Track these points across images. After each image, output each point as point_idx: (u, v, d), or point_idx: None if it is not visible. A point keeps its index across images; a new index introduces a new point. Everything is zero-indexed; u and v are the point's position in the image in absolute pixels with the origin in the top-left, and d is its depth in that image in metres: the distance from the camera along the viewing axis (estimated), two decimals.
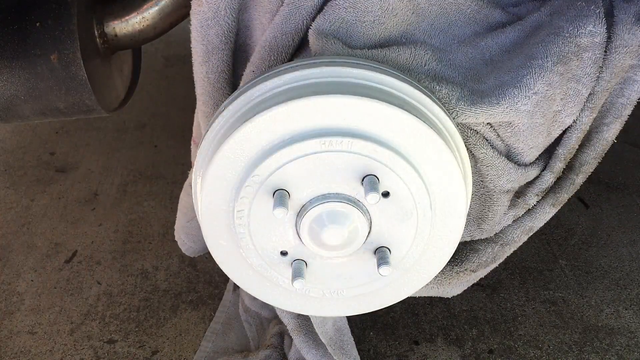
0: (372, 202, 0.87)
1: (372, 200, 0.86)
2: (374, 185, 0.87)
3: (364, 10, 1.02)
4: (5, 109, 1.33)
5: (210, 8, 1.08)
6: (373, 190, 0.86)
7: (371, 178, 0.88)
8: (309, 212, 0.91)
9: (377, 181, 0.88)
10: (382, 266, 0.93)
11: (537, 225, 1.19)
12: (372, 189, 0.87)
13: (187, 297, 1.69)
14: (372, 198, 0.86)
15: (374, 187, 0.87)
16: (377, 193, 0.86)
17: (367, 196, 0.86)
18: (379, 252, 0.95)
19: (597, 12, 1.00)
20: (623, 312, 1.64)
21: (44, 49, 1.26)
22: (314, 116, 0.86)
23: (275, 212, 0.88)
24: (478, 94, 1.00)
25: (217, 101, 1.16)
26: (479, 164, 1.07)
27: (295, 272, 0.96)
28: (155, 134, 2.45)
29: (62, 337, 1.58)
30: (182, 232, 1.44)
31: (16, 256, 1.84)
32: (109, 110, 1.42)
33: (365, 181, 0.88)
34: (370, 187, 0.87)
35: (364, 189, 0.88)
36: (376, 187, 0.87)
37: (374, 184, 0.87)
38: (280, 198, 0.89)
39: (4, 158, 2.31)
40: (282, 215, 0.88)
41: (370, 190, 0.86)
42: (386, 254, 0.94)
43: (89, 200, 2.08)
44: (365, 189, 0.88)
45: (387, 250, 0.95)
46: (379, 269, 0.93)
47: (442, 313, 1.64)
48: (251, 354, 1.44)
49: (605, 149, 1.12)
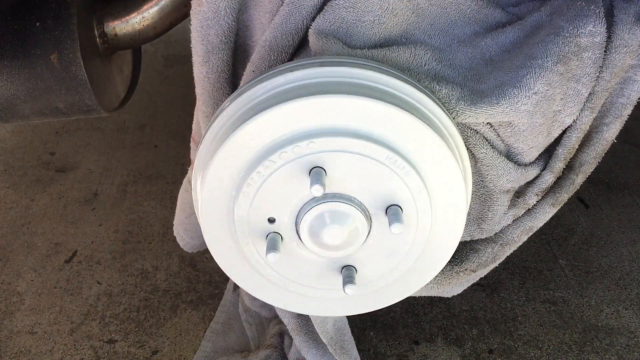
0: (396, 232, 0.90)
1: (396, 230, 0.89)
2: (397, 216, 0.90)
3: (364, 10, 1.02)
4: (5, 109, 1.33)
5: (210, 8, 1.08)
6: (396, 221, 0.89)
7: (395, 208, 0.91)
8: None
9: (400, 211, 0.91)
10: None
11: (537, 225, 1.19)
12: (396, 219, 0.90)
13: (187, 297, 1.69)
14: (397, 228, 0.89)
15: (397, 217, 0.90)
16: (400, 223, 0.89)
17: (392, 226, 0.89)
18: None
19: (597, 12, 1.00)
20: (623, 312, 1.64)
21: (44, 49, 1.26)
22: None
23: (268, 256, 0.92)
24: (478, 94, 1.00)
25: (217, 101, 1.16)
26: (479, 164, 1.07)
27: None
28: (155, 134, 2.45)
29: (62, 337, 1.58)
30: (181, 227, 1.45)
31: (16, 256, 1.84)
32: (109, 110, 1.42)
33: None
34: (394, 217, 0.90)
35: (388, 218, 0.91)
36: (399, 217, 0.90)
37: (397, 214, 0.90)
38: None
39: (4, 158, 2.31)
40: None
41: (394, 220, 0.89)
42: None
43: (89, 200, 2.08)
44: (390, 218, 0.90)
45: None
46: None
47: (442, 313, 1.64)
48: (251, 354, 1.44)
49: (605, 149, 1.12)
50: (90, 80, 1.29)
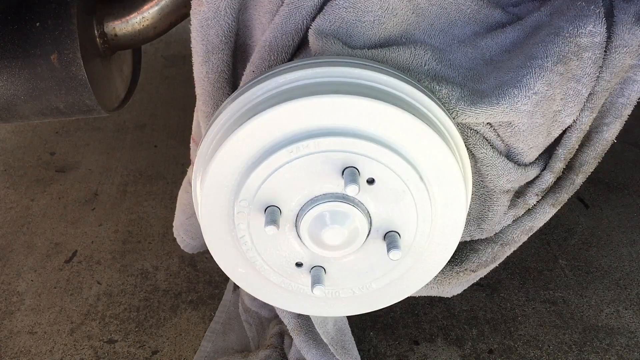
0: (352, 194, 0.87)
1: (351, 193, 0.86)
2: (355, 177, 0.87)
3: (364, 10, 1.02)
4: (5, 109, 1.33)
5: (210, 8, 1.08)
6: (353, 183, 0.86)
7: (351, 170, 0.88)
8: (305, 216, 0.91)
9: (357, 172, 0.88)
10: (392, 250, 0.91)
11: (537, 225, 1.19)
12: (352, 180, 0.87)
13: (187, 297, 1.69)
14: (352, 190, 0.86)
15: (354, 178, 0.87)
16: (356, 185, 0.86)
17: (347, 187, 0.86)
18: (388, 237, 0.94)
19: (597, 12, 1.00)
20: (623, 312, 1.64)
21: (44, 49, 1.26)
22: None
23: (266, 229, 0.89)
24: (478, 94, 1.00)
25: (217, 101, 1.16)
26: (479, 164, 1.07)
27: (314, 279, 0.97)
28: (155, 134, 2.45)
29: (62, 337, 1.58)
30: (181, 229, 1.45)
31: (16, 256, 1.84)
32: (109, 110, 1.42)
33: (345, 173, 0.88)
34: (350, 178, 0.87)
35: (344, 180, 0.88)
36: (356, 178, 0.87)
37: (354, 175, 0.87)
38: (272, 214, 0.91)
39: (4, 158, 2.31)
40: (273, 232, 0.89)
41: (351, 182, 0.86)
42: (396, 238, 0.93)
43: (89, 200, 2.08)
44: (346, 180, 0.87)
45: (397, 235, 0.94)
46: (389, 253, 0.92)
47: (442, 313, 1.64)
48: (251, 354, 1.44)
49: (605, 149, 1.12)
50: (90, 80, 1.29)
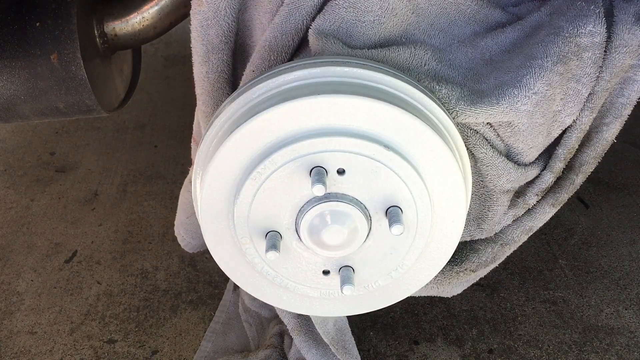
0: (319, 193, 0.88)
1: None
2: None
3: (364, 10, 1.02)
4: (5, 109, 1.33)
5: (210, 8, 1.08)
6: (318, 183, 0.87)
7: (317, 170, 0.88)
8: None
9: (323, 171, 0.89)
10: (393, 225, 0.91)
11: (537, 225, 1.19)
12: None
13: (187, 297, 1.69)
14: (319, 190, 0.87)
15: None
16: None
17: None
18: (389, 214, 0.93)
19: (597, 12, 1.00)
20: (623, 312, 1.64)
21: (44, 49, 1.26)
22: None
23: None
24: (478, 94, 1.00)
25: (217, 101, 1.16)
26: (479, 164, 1.07)
27: (343, 279, 0.97)
28: (155, 134, 2.45)
29: (62, 337, 1.58)
30: (182, 227, 1.45)
31: (16, 256, 1.84)
32: (109, 110, 1.42)
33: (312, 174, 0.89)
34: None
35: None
36: (322, 177, 0.88)
37: (320, 174, 0.88)
38: (272, 238, 0.94)
39: (4, 158, 2.31)
40: (274, 257, 0.91)
41: (317, 182, 0.87)
42: (397, 213, 0.93)
43: (89, 200, 2.08)
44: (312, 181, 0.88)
45: (398, 210, 0.93)
46: (391, 228, 0.91)
47: (442, 313, 1.64)
48: (251, 354, 1.44)
49: (605, 149, 1.12)
50: (90, 80, 1.29)
